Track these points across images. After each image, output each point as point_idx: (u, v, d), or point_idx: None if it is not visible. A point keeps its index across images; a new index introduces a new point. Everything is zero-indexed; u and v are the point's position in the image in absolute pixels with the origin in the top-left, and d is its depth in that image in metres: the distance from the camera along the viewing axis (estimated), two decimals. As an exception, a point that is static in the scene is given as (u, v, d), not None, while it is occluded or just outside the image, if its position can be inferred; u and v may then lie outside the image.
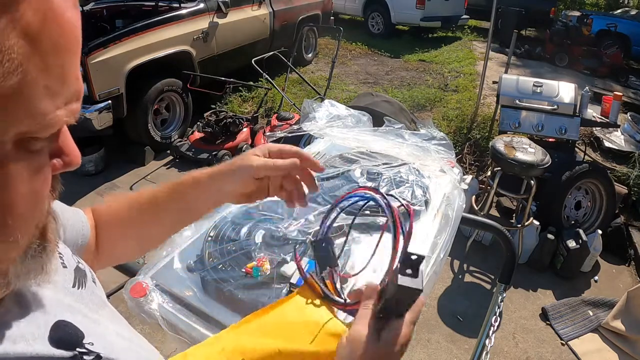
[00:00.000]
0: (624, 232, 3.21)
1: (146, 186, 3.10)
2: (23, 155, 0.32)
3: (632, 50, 8.07)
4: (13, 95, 0.29)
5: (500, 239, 1.21)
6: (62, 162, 0.38)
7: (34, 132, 0.32)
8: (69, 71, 0.33)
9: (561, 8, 10.95)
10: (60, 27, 0.31)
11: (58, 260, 0.49)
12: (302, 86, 5.39)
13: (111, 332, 0.50)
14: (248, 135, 4.06)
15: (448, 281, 2.77)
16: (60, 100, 0.32)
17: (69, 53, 0.32)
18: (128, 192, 0.71)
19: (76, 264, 0.52)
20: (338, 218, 1.00)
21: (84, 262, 0.55)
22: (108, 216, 0.68)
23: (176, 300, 0.84)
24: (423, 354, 2.26)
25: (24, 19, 0.28)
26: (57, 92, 0.32)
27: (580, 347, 2.37)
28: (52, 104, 0.32)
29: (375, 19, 9.02)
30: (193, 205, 0.68)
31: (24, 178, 0.33)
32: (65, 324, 0.43)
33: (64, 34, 0.31)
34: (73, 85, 0.34)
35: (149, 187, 0.70)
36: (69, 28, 0.32)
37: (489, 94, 5.16)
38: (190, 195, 0.66)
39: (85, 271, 0.53)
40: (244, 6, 4.87)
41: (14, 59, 0.28)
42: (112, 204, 0.69)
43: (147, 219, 0.68)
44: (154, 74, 3.82)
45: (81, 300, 0.49)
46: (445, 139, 1.38)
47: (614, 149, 4.11)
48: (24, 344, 0.37)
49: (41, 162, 0.35)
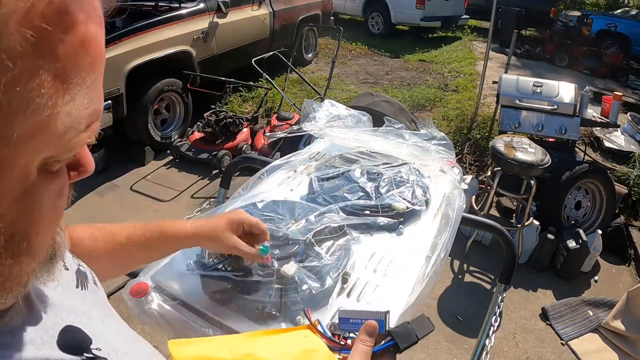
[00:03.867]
0: (624, 232, 3.21)
1: (146, 186, 3.06)
2: (46, 178, 0.33)
3: (632, 50, 8.08)
4: (42, 127, 0.29)
5: (500, 239, 1.21)
6: (77, 173, 0.38)
7: (58, 156, 0.32)
8: (95, 94, 0.33)
9: (561, 8, 10.95)
10: (90, 55, 0.31)
11: (60, 262, 0.50)
12: (302, 86, 5.39)
13: (115, 335, 0.50)
14: (248, 135, 4.06)
15: (448, 281, 2.77)
16: (85, 124, 0.32)
17: (96, 78, 0.32)
18: (109, 225, 0.74)
19: (77, 267, 0.53)
20: (338, 218, 1.00)
21: (84, 264, 0.56)
22: (93, 241, 0.71)
23: (176, 300, 0.84)
24: (423, 354, 2.26)
25: (59, 60, 0.28)
26: (81, 118, 0.32)
27: (580, 347, 2.37)
28: (77, 129, 0.32)
29: (375, 19, 9.02)
30: (160, 254, 0.81)
31: (49, 201, 0.34)
32: (74, 329, 0.43)
33: (93, 62, 0.31)
34: (96, 106, 0.34)
35: (132, 225, 0.74)
36: (98, 53, 0.32)
37: (489, 94, 5.16)
38: (157, 248, 0.76)
39: (86, 273, 0.54)
40: (244, 6, 4.87)
41: (44, 95, 0.28)
42: (95, 235, 0.72)
43: (127, 257, 0.74)
44: (154, 74, 3.82)
45: (85, 301, 0.49)
46: (445, 139, 1.38)
47: (614, 149, 4.11)
48: (33, 348, 0.37)
49: (62, 181, 0.35)
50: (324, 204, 1.08)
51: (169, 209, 3.28)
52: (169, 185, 3.59)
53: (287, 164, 1.31)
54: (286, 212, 1.00)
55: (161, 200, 3.39)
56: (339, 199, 1.10)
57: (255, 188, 1.18)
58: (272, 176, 1.25)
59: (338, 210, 1.02)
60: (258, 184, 1.20)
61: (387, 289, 0.87)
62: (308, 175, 1.24)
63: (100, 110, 0.35)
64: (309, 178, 1.21)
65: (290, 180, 1.25)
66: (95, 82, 0.33)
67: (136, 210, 3.26)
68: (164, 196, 3.43)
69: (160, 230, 0.74)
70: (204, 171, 3.77)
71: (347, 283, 0.87)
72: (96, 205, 3.30)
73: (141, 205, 3.32)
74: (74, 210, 3.17)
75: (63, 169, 0.35)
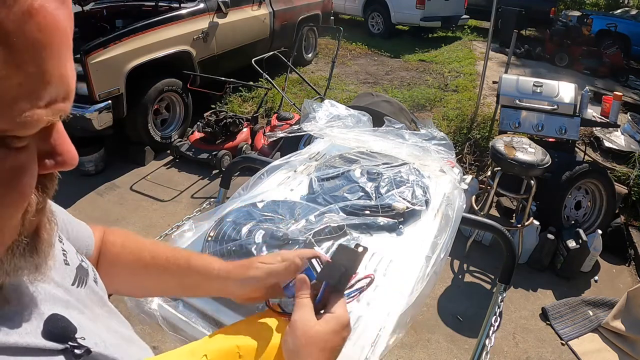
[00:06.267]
0: (624, 232, 3.21)
1: (146, 186, 3.06)
2: (4, 152, 0.32)
3: (632, 50, 8.07)
4: None
5: (500, 239, 1.21)
6: (53, 162, 0.37)
7: (10, 130, 0.31)
8: (52, 69, 0.31)
9: (561, 8, 10.94)
10: (39, 25, 0.29)
11: (61, 256, 0.50)
12: (302, 86, 5.39)
13: (107, 330, 0.50)
14: (248, 135, 4.06)
15: (448, 281, 2.77)
16: (40, 99, 0.31)
17: (48, 50, 0.31)
18: (143, 240, 0.72)
19: (79, 262, 0.53)
20: (338, 218, 1.00)
21: (87, 261, 0.56)
22: (122, 249, 0.69)
23: (176, 300, 0.84)
24: (423, 354, 2.26)
25: (2, 27, 0.27)
26: (34, 90, 0.31)
27: (580, 347, 2.37)
28: (29, 102, 0.30)
29: (375, 19, 9.01)
30: (195, 290, 0.71)
31: (4, 177, 0.33)
32: (59, 318, 0.44)
33: (43, 30, 0.30)
34: (58, 84, 0.32)
35: (164, 247, 0.72)
36: (49, 24, 0.30)
37: (489, 94, 5.16)
38: (196, 282, 0.68)
39: (88, 270, 0.54)
40: (244, 6, 4.87)
41: None
42: (126, 243, 0.70)
43: (148, 277, 0.70)
44: (154, 74, 3.82)
45: (79, 297, 0.49)
46: (445, 139, 1.38)
47: (614, 149, 4.11)
48: (16, 336, 0.38)
49: (22, 160, 0.34)
50: (324, 204, 1.08)
51: (169, 209, 3.28)
52: (169, 185, 3.59)
53: (287, 164, 1.31)
54: (286, 212, 1.00)
55: (161, 200, 3.39)
56: (339, 199, 1.10)
57: (255, 188, 1.18)
58: (272, 176, 1.25)
59: (338, 210, 1.02)
60: (258, 184, 1.20)
61: (387, 289, 0.87)
62: (308, 175, 1.24)
63: (68, 90, 0.34)
64: (309, 178, 1.21)
65: (290, 180, 1.25)
66: (53, 55, 0.31)
67: (136, 210, 3.26)
68: (164, 196, 3.43)
69: (202, 263, 0.68)
70: (204, 171, 3.77)
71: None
72: (96, 205, 3.30)
73: (141, 205, 3.32)
74: (74, 210, 3.17)
75: (30, 150, 0.34)
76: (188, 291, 0.73)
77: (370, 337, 0.76)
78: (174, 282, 0.69)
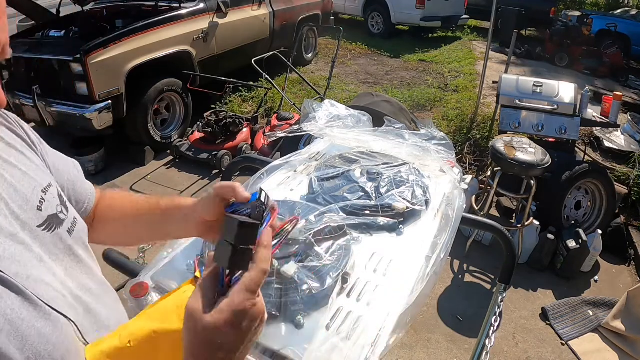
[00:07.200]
0: (624, 232, 3.21)
1: (146, 186, 3.06)
2: None
3: (632, 50, 8.07)
4: None
5: (500, 239, 1.21)
6: None
7: None
8: None
9: (561, 8, 10.94)
10: None
11: (36, 204, 0.55)
12: (302, 86, 5.39)
13: (64, 275, 0.55)
14: (248, 135, 4.06)
15: (448, 281, 2.77)
16: None
17: None
18: (131, 196, 0.82)
19: (55, 213, 0.58)
20: (338, 218, 1.00)
21: (73, 215, 0.62)
22: (112, 200, 0.80)
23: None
24: (423, 353, 2.26)
25: None
26: None
27: (580, 347, 2.37)
28: None
29: (375, 19, 9.01)
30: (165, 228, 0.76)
31: None
32: None
33: None
34: None
35: (145, 197, 0.82)
36: None
37: (489, 94, 5.16)
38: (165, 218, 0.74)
39: (64, 221, 0.59)
40: (244, 6, 4.87)
41: None
42: (115, 196, 0.82)
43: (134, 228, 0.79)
44: (154, 74, 3.82)
45: (42, 239, 0.54)
46: (445, 139, 1.38)
47: (614, 149, 4.11)
48: None
49: None
50: (324, 204, 1.08)
51: (169, 209, 3.28)
52: (169, 185, 3.59)
53: (287, 164, 1.31)
54: (286, 212, 1.00)
55: (161, 200, 3.39)
56: (339, 199, 1.10)
57: (255, 188, 1.18)
58: (272, 176, 1.25)
59: (338, 210, 1.02)
60: (258, 184, 1.20)
61: (387, 289, 0.87)
62: (308, 175, 1.24)
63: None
64: (309, 178, 1.21)
65: (290, 180, 1.25)
66: None
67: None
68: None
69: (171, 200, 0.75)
70: (204, 171, 3.77)
71: (347, 283, 0.87)
72: (96, 205, 3.30)
73: (141, 205, 3.32)
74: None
75: None
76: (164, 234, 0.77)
77: (370, 337, 0.76)
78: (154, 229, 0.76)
